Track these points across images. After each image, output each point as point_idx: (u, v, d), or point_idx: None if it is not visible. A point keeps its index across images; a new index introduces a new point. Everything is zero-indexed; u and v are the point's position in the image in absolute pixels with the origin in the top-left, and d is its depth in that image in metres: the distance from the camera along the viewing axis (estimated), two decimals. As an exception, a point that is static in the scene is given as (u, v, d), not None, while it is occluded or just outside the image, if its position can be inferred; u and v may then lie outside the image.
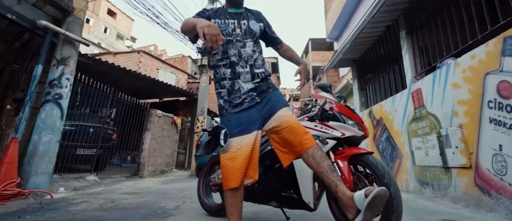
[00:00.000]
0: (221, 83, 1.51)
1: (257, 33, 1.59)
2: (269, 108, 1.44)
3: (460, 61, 2.69)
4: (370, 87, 5.19)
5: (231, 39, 1.51)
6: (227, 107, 1.47)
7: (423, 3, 3.55)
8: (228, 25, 1.53)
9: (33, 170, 3.11)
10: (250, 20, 1.60)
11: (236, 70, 1.48)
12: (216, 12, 1.59)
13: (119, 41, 32.42)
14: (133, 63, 11.72)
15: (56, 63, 3.62)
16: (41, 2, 3.65)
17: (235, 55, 1.49)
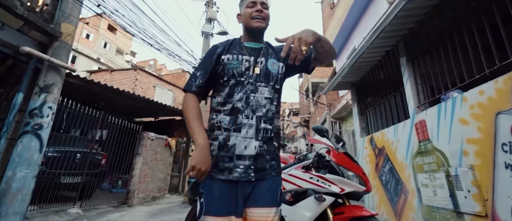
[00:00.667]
0: (214, 133, 1.20)
1: (275, 77, 1.26)
2: (256, 197, 1.12)
3: (467, 96, 2.51)
4: (370, 112, 5.00)
5: (242, 80, 1.21)
6: (212, 168, 1.14)
7: (423, 30, 3.43)
8: (241, 63, 1.23)
9: (4, 211, 2.86)
10: (270, 58, 1.29)
11: (238, 120, 1.16)
12: (230, 45, 1.31)
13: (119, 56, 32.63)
14: (129, 80, 11.62)
15: (38, 91, 3.44)
16: (26, 28, 3.52)
17: (242, 100, 1.18)
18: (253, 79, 1.22)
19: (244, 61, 1.24)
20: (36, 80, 3.50)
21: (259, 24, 1.27)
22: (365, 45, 3.96)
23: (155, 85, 12.44)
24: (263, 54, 1.29)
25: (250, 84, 1.22)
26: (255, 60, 1.26)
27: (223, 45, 1.33)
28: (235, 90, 1.20)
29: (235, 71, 1.22)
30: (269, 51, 1.32)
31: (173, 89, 13.53)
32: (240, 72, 1.22)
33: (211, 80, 1.26)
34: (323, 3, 13.19)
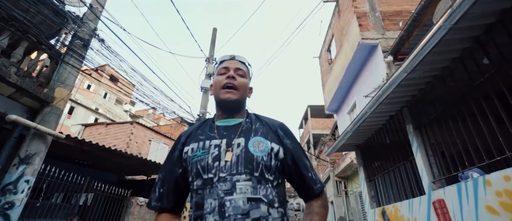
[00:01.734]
0: None
1: (262, 162, 0.86)
2: None
3: (490, 179, 2.29)
4: (379, 179, 4.70)
5: (210, 178, 0.84)
6: None
7: (427, 98, 3.38)
8: (208, 151, 0.88)
9: None
10: (254, 136, 0.92)
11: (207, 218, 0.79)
12: (197, 129, 1.00)
13: (118, 105, 33.17)
14: (124, 134, 11.47)
15: (17, 163, 3.22)
16: (18, 95, 3.48)
17: (214, 211, 0.79)
18: (227, 172, 0.83)
19: (213, 147, 0.89)
20: (18, 150, 3.32)
21: (229, 96, 0.95)
22: (367, 111, 3.89)
23: (150, 139, 12.25)
24: (242, 132, 0.93)
25: (223, 182, 0.82)
26: (228, 143, 0.89)
27: (189, 131, 1.01)
28: (204, 196, 0.83)
29: (199, 165, 0.86)
30: (253, 127, 0.96)
31: (169, 143, 13.30)
32: (206, 165, 0.85)
33: (178, 187, 0.92)
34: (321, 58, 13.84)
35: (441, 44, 2.50)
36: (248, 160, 0.85)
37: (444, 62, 2.92)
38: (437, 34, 2.39)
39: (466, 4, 2.08)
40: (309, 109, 22.98)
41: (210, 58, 9.58)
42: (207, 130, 0.97)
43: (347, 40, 8.94)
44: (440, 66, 2.99)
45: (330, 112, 12.54)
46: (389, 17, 7.98)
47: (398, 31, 7.22)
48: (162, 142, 12.78)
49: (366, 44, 7.78)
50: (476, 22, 2.35)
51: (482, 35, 2.49)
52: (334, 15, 10.69)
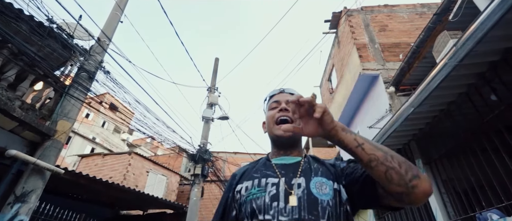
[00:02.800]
0: None
1: (327, 206, 0.76)
2: None
3: (512, 222, 2.21)
4: (389, 216, 4.53)
5: (269, 219, 0.75)
6: None
7: (435, 132, 3.38)
8: (265, 189, 0.81)
9: None
10: (314, 177, 0.84)
11: None
12: (252, 168, 0.94)
13: (116, 134, 32.99)
14: (122, 165, 11.25)
15: (12, 201, 3.11)
16: (20, 128, 3.47)
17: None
18: (288, 216, 0.73)
19: (270, 186, 0.81)
20: (14, 188, 3.22)
21: (286, 134, 0.83)
22: (375, 145, 3.87)
23: (148, 170, 12.00)
24: (302, 172, 0.85)
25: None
26: (287, 183, 0.81)
27: (243, 169, 0.95)
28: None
29: (254, 204, 0.78)
30: (312, 167, 0.87)
31: (167, 174, 13.01)
32: (263, 205, 0.77)
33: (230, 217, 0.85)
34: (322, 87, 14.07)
35: (447, 80, 2.56)
36: (312, 204, 0.75)
37: (450, 97, 2.96)
38: (443, 70, 2.46)
39: (471, 42, 2.16)
40: (311, 139, 22.86)
41: (212, 87, 9.73)
42: (262, 168, 0.90)
43: (348, 70, 9.16)
44: (446, 101, 3.02)
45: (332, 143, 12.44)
46: (388, 48, 8.25)
47: (398, 62, 7.42)
48: (160, 173, 12.51)
49: (367, 74, 7.96)
50: (480, 60, 2.42)
51: (487, 72, 2.55)
52: (334, 46, 11.06)
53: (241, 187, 0.85)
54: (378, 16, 9.01)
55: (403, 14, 8.90)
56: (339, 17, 9.73)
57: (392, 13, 8.99)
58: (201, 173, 7.55)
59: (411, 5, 9.03)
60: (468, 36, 2.14)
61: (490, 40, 2.17)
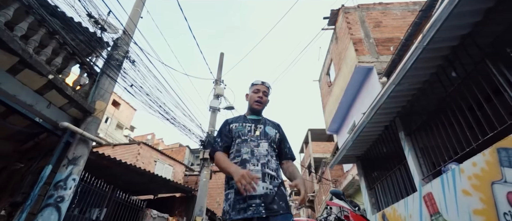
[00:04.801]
0: (230, 183, 1.57)
1: (272, 137, 1.74)
2: None
3: (463, 167, 2.92)
4: (379, 187, 5.24)
5: (246, 139, 1.69)
6: (231, 212, 1.46)
7: (415, 108, 4.07)
8: (245, 127, 1.77)
9: None
10: (267, 126, 1.81)
11: (247, 167, 1.53)
12: (237, 119, 1.88)
13: (118, 130, 33.62)
14: (131, 155, 11.94)
15: (66, 163, 3.80)
16: (68, 105, 4.15)
17: (248, 153, 1.62)
18: (255, 137, 1.71)
19: (247, 126, 1.78)
20: (66, 153, 3.91)
21: (258, 107, 1.86)
22: (365, 120, 4.55)
23: (156, 160, 12.70)
24: (262, 123, 1.82)
25: (252, 141, 1.69)
26: (255, 126, 1.78)
27: (232, 119, 1.91)
28: (241, 146, 1.67)
29: (240, 133, 1.74)
30: (266, 122, 1.86)
31: (173, 164, 13.71)
32: (244, 133, 1.73)
33: (228, 142, 1.75)
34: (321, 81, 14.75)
35: (419, 61, 3.24)
36: (266, 134, 1.76)
37: (424, 77, 3.66)
38: (414, 53, 3.15)
39: (432, 30, 2.85)
40: (310, 133, 23.55)
41: (218, 80, 10.40)
42: (242, 119, 1.86)
43: (345, 64, 9.84)
44: (422, 80, 3.72)
45: (331, 132, 13.16)
46: (382, 43, 8.94)
47: (390, 55, 8.11)
48: (167, 163, 13.21)
49: (362, 67, 8.65)
50: (443, 44, 3.12)
51: (450, 54, 3.25)
52: (332, 41, 11.73)
53: (233, 125, 1.82)
54: (373, 13, 9.69)
55: (396, 11, 9.58)
56: (337, 14, 10.41)
57: (386, 11, 9.67)
58: (209, 157, 8.23)
59: (403, 3, 9.71)
60: (430, 25, 2.83)
61: (448, 28, 2.86)
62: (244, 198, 1.43)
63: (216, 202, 11.85)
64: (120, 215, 5.77)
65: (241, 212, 1.42)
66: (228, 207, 1.50)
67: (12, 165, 4.76)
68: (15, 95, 3.51)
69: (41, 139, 4.54)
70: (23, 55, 3.28)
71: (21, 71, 3.49)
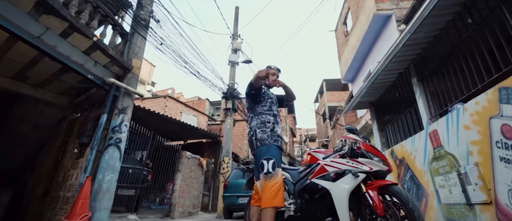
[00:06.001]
0: (266, 124, 2.32)
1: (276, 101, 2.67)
2: None
3: (467, 106, 3.19)
4: (389, 128, 5.63)
5: (273, 101, 2.58)
6: (270, 139, 2.21)
7: (429, 55, 4.20)
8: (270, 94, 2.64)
9: (97, 206, 3.67)
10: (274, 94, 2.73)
11: (277, 119, 2.41)
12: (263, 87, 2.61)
13: (140, 86, 34.96)
14: (159, 107, 12.80)
15: (117, 112, 4.40)
16: (111, 64, 4.61)
17: (276, 110, 2.52)
18: (275, 101, 2.60)
19: (271, 94, 2.65)
20: (115, 104, 4.49)
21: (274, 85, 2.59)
22: (380, 68, 4.75)
23: (181, 111, 13.57)
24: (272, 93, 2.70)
25: (275, 106, 2.54)
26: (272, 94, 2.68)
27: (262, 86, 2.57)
28: (272, 106, 2.50)
29: (270, 95, 2.58)
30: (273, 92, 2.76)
31: (197, 115, 14.61)
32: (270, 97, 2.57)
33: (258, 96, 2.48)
34: (337, 31, 14.31)
35: (437, 8, 3.30)
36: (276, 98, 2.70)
37: (441, 24, 3.72)
38: (432, 1, 3.20)
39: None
40: (325, 83, 23.57)
41: (234, 35, 10.44)
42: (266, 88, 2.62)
43: (363, 12, 9.48)
44: (438, 27, 3.78)
45: (346, 82, 13.25)
46: (403, -13, 8.42)
47: (411, 1, 7.73)
48: (191, 114, 14.10)
49: (381, 14, 8.37)
50: (461, -9, 3.13)
51: (467, 1, 3.26)
52: (351, -13, 11.08)
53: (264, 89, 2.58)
54: (395, -46, 8.92)
55: (421, -51, 8.75)
56: (356, -44, 9.65)
57: (409, -50, 8.85)
58: (232, 107, 8.81)
59: None
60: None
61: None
62: (277, 134, 2.31)
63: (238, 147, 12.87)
64: (160, 156, 6.63)
65: (276, 142, 2.24)
66: (266, 136, 2.23)
67: (70, 115, 5.49)
68: (69, 56, 3.97)
69: (91, 93, 5.13)
70: (72, 20, 3.62)
71: (71, 35, 3.87)
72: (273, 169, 1.95)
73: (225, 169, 7.79)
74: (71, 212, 3.24)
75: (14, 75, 5.07)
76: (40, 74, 5.05)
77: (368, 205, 2.17)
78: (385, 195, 2.19)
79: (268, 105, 2.43)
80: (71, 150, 4.75)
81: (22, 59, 4.61)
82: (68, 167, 4.55)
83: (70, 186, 4.22)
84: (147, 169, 6.60)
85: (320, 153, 2.80)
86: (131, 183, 5.90)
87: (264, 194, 1.88)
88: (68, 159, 4.71)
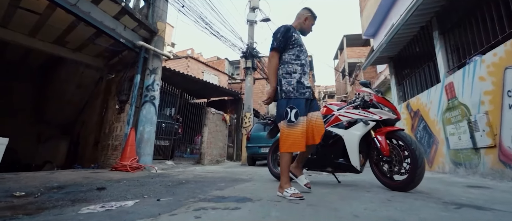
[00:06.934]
0: (292, 74, 2.11)
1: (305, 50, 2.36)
2: (313, 106, 2.23)
3: (484, 58, 3.18)
4: (407, 82, 5.63)
5: (302, 49, 2.22)
6: (295, 92, 2.07)
7: (453, 6, 4.00)
8: (301, 39, 2.31)
9: (142, 152, 4.27)
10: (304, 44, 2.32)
11: (304, 69, 2.15)
12: (295, 30, 2.30)
13: (161, 47, 35.38)
14: (182, 67, 13.21)
15: (149, 73, 4.78)
16: (138, 28, 4.86)
17: (304, 59, 2.20)
18: (305, 50, 2.26)
19: (302, 38, 2.32)
20: (146, 65, 4.85)
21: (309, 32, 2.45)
22: (401, 22, 4.61)
23: (203, 71, 13.93)
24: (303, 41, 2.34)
25: (305, 54, 2.23)
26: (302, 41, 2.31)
27: (293, 29, 2.28)
28: (301, 53, 2.19)
29: (300, 43, 2.23)
30: None
31: (217, 74, 14.94)
32: (301, 44, 2.23)
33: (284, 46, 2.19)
34: (360, -18, 13.21)
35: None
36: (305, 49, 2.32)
37: (468, -29, 3.49)
38: None
39: None
40: (345, 39, 22.50)
41: (252, -9, 10.07)
42: (297, 33, 2.30)
43: (389, -43, 8.65)
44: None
45: (367, 37, 12.67)
46: None
47: None
48: (212, 73, 14.44)
49: (408, -41, 7.61)
50: None
51: None
52: None
53: (295, 34, 2.23)
54: None
55: None
56: None
57: None
58: (251, 66, 8.96)
59: None
60: None
61: None
62: (304, 86, 2.11)
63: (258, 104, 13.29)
64: (188, 113, 7.17)
65: (302, 95, 2.09)
66: (291, 89, 2.09)
67: (106, 76, 6.00)
68: (102, 21, 4.24)
69: (123, 55, 5.52)
70: (101, -14, 3.81)
71: (102, 1, 4.10)
72: (296, 118, 1.96)
73: (247, 123, 8.28)
74: (122, 156, 3.84)
75: (55, 40, 5.50)
76: (77, 39, 5.44)
77: (376, 148, 2.44)
78: (392, 140, 2.44)
79: (296, 54, 2.15)
80: (112, 106, 5.32)
81: (61, 25, 4.98)
82: (112, 120, 5.17)
83: (117, 136, 4.86)
84: (177, 124, 7.23)
85: (335, 105, 3.04)
86: (165, 135, 6.56)
87: (283, 140, 1.99)
88: (111, 114, 5.31)
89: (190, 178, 3.41)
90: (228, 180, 3.12)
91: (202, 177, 3.58)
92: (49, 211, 1.44)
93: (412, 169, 2.15)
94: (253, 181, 3.09)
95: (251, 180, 3.21)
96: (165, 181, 2.98)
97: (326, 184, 2.83)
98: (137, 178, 3.16)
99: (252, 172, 4.41)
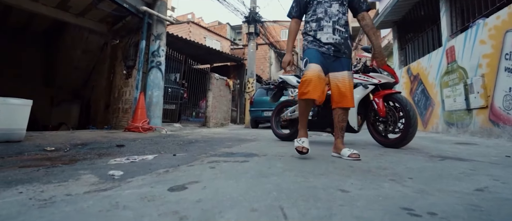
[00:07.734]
0: (308, 33, 1.99)
1: None
2: (337, 66, 1.93)
3: (487, 21, 3.13)
4: (409, 46, 5.56)
5: (320, 1, 1.94)
6: (309, 45, 1.97)
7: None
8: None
9: (152, 115, 4.45)
10: None
11: (321, 23, 1.90)
12: None
13: (161, 11, 34.00)
14: (184, 33, 12.89)
15: (154, 38, 4.76)
16: (140, -9, 4.70)
17: (322, 12, 1.92)
18: (328, 0, 1.92)
19: None
20: (150, 31, 4.80)
21: None
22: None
23: (205, 36, 13.61)
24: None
25: (326, 2, 1.92)
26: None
27: None
28: (317, 7, 1.93)
29: None
30: None
31: (219, 40, 14.62)
32: None
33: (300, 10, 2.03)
34: None
35: None
36: None
37: None
38: None
39: None
40: (350, 1, 21.37)
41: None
42: None
43: None
44: None
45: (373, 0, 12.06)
46: None
47: None
48: (214, 39, 14.13)
49: None
50: None
51: None
52: None
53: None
54: None
55: None
56: None
57: None
58: (254, 31, 8.75)
59: None
60: None
61: None
62: (320, 44, 1.93)
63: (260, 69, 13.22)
64: (192, 78, 7.23)
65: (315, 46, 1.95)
66: (306, 43, 2.03)
67: (111, 41, 5.96)
68: (104, -16, 4.11)
69: (127, 21, 5.41)
70: None
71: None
72: (305, 66, 1.92)
73: (250, 89, 8.36)
74: (134, 118, 4.03)
75: (58, 5, 5.37)
76: (80, 3, 5.30)
77: (373, 110, 2.56)
78: (389, 102, 2.54)
79: (313, 9, 1.96)
80: (119, 72, 5.39)
81: (62, -11, 4.82)
82: (120, 85, 5.28)
83: (126, 100, 5.01)
84: (183, 89, 7.33)
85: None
86: (171, 99, 6.71)
87: (298, 88, 1.96)
88: (119, 79, 5.40)
89: (199, 138, 3.60)
90: (234, 140, 3.30)
91: (210, 137, 3.77)
92: (81, 162, 1.62)
93: (405, 127, 2.29)
94: (258, 140, 3.28)
95: (256, 140, 3.40)
96: (177, 140, 3.17)
97: (326, 143, 3.01)
98: (150, 138, 3.36)
99: (256, 133, 4.62)
